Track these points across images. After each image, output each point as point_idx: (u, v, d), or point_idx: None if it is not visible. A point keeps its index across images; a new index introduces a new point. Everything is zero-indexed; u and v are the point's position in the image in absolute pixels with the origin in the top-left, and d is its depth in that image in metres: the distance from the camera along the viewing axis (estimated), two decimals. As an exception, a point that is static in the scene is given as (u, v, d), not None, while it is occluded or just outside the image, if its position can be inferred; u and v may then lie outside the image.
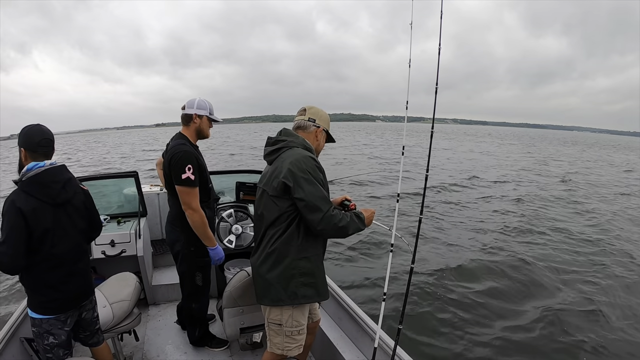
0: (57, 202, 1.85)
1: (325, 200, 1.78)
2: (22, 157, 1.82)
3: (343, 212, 1.86)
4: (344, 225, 1.81)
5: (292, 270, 1.83)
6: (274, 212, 1.84)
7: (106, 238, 3.14)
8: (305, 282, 1.85)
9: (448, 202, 11.12)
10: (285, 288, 1.84)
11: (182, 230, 2.54)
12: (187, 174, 2.33)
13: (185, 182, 2.34)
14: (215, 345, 2.87)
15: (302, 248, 1.84)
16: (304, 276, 1.85)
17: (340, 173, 16.02)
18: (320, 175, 1.84)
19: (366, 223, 1.97)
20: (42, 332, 1.91)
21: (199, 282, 2.68)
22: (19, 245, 1.71)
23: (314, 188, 1.76)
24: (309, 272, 1.86)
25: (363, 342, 2.53)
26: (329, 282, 3.04)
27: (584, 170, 21.56)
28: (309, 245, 1.86)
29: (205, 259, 2.64)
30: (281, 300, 1.86)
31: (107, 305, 2.39)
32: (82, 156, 30.81)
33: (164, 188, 2.68)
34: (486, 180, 15.90)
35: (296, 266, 1.83)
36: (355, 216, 1.90)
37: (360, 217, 1.92)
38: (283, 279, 1.84)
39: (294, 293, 1.85)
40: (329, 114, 2.10)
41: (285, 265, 1.83)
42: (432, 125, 2.33)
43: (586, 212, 10.41)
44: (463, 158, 25.97)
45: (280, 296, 1.86)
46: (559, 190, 14.07)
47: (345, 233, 1.85)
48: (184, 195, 2.38)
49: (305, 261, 1.85)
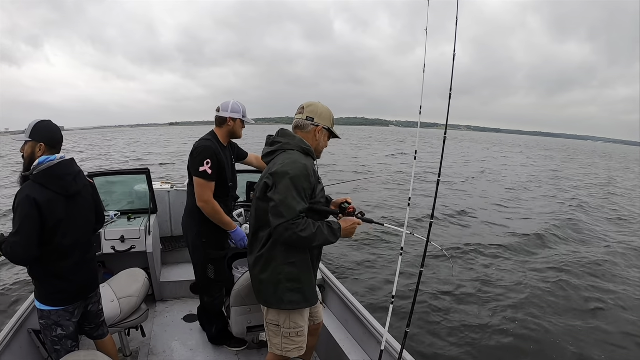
0: (70, 194, 1.88)
1: (291, 209, 1.68)
2: (35, 151, 1.84)
3: (310, 221, 1.74)
4: (306, 236, 1.70)
5: (278, 275, 1.81)
6: (261, 214, 1.82)
7: (116, 234, 3.17)
8: (291, 287, 1.82)
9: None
10: (273, 292, 1.83)
11: (196, 221, 2.61)
12: (205, 167, 2.42)
13: (201, 175, 2.43)
14: (235, 345, 2.86)
15: (287, 254, 1.80)
16: (290, 282, 1.82)
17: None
18: (304, 184, 1.75)
19: (343, 234, 1.87)
20: (51, 323, 1.92)
21: (211, 274, 2.70)
22: (32, 235, 1.74)
23: (288, 194, 1.69)
24: (294, 277, 1.82)
25: (369, 345, 2.51)
26: (335, 284, 3.03)
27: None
28: (295, 251, 1.80)
29: (219, 252, 2.69)
30: (270, 303, 1.86)
31: (115, 300, 2.41)
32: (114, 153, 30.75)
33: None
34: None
35: (282, 271, 1.81)
36: (326, 227, 1.80)
37: (332, 228, 1.82)
38: (271, 283, 1.82)
39: (280, 298, 1.83)
40: (342, 118, 2.04)
41: (271, 270, 1.82)
42: (445, 131, 2.31)
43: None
44: (546, 176, 22.02)
45: (269, 299, 1.85)
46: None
47: (308, 244, 1.75)
48: (198, 187, 2.47)
49: (290, 266, 1.81)
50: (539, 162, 34.60)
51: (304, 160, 1.81)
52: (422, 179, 16.04)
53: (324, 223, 1.82)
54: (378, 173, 17.94)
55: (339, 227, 1.87)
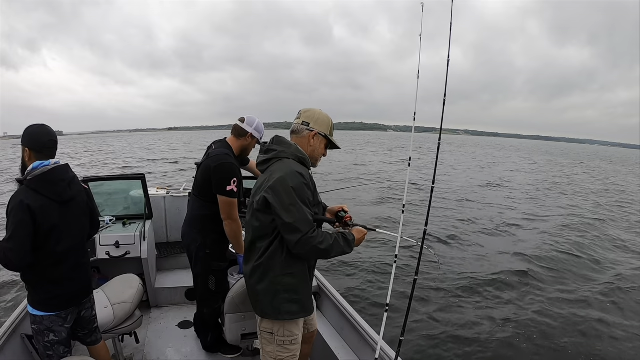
0: (64, 200, 1.87)
1: (305, 221, 1.68)
2: (25, 157, 1.84)
3: (327, 233, 1.77)
4: (325, 248, 1.72)
5: (276, 286, 1.78)
6: (259, 225, 1.80)
7: (111, 239, 3.16)
8: (289, 298, 1.80)
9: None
10: (270, 303, 1.81)
11: (199, 232, 2.60)
12: (232, 186, 2.43)
13: (228, 194, 2.43)
14: (229, 352, 2.85)
15: (286, 264, 1.77)
16: (288, 292, 1.80)
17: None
18: (306, 194, 1.74)
19: (355, 244, 1.88)
20: (43, 329, 1.91)
21: (212, 286, 2.68)
22: (25, 241, 1.73)
23: (296, 208, 1.67)
24: (292, 288, 1.81)
25: (364, 352, 2.50)
26: (330, 291, 3.03)
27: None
28: (293, 261, 1.78)
29: (220, 263, 2.68)
30: (267, 314, 1.84)
31: (109, 305, 2.40)
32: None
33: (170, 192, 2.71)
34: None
35: (280, 282, 1.78)
36: (342, 238, 1.81)
37: (347, 239, 1.83)
38: (268, 293, 1.80)
39: (278, 309, 1.80)
40: (341, 123, 2.03)
41: (269, 280, 1.79)
42: (439, 137, 2.32)
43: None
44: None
45: (266, 310, 1.83)
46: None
47: (326, 255, 1.78)
48: (226, 205, 2.46)
49: (289, 277, 1.79)
50: (547, 167, 34.23)
51: (300, 169, 1.78)
52: (418, 187, 15.51)
53: (339, 234, 1.82)
54: (367, 181, 17.64)
55: (353, 238, 1.87)
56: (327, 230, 1.86)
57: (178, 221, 4.09)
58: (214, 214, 2.52)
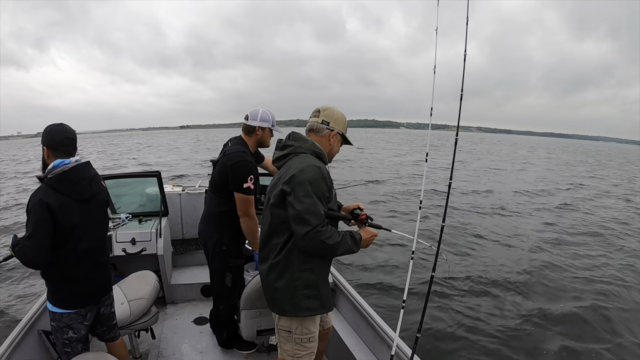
0: (84, 198, 1.88)
1: (316, 215, 1.67)
2: (45, 155, 1.86)
3: (335, 230, 1.75)
4: (332, 244, 1.70)
5: (295, 282, 1.77)
6: (276, 221, 1.79)
7: (127, 236, 3.19)
8: (309, 294, 1.79)
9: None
10: (289, 300, 1.79)
11: (216, 228, 2.61)
12: (249, 183, 2.43)
13: (245, 191, 2.44)
14: (244, 348, 2.86)
15: (305, 260, 1.76)
16: (308, 288, 1.79)
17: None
18: (323, 187, 1.73)
19: (363, 245, 1.86)
20: (62, 326, 1.93)
21: (228, 282, 2.69)
22: (45, 240, 1.74)
23: (310, 200, 1.67)
24: (312, 284, 1.79)
25: (380, 350, 2.49)
26: (346, 287, 3.01)
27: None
28: (312, 257, 1.77)
29: (237, 260, 2.69)
30: (286, 311, 1.83)
31: (126, 302, 2.42)
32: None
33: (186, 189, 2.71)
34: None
35: (299, 278, 1.77)
36: (349, 236, 1.79)
37: (354, 238, 1.81)
38: (287, 290, 1.79)
39: (298, 305, 1.79)
40: (353, 120, 2.01)
41: (288, 277, 1.78)
42: (456, 132, 2.29)
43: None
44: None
45: (285, 307, 1.82)
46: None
47: (332, 252, 1.76)
48: (243, 203, 2.47)
49: (308, 273, 1.78)
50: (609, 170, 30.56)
51: (318, 163, 1.79)
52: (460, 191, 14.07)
53: (347, 232, 1.81)
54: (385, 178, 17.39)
55: (360, 238, 1.85)
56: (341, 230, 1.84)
57: (193, 218, 4.12)
58: (231, 211, 2.52)
